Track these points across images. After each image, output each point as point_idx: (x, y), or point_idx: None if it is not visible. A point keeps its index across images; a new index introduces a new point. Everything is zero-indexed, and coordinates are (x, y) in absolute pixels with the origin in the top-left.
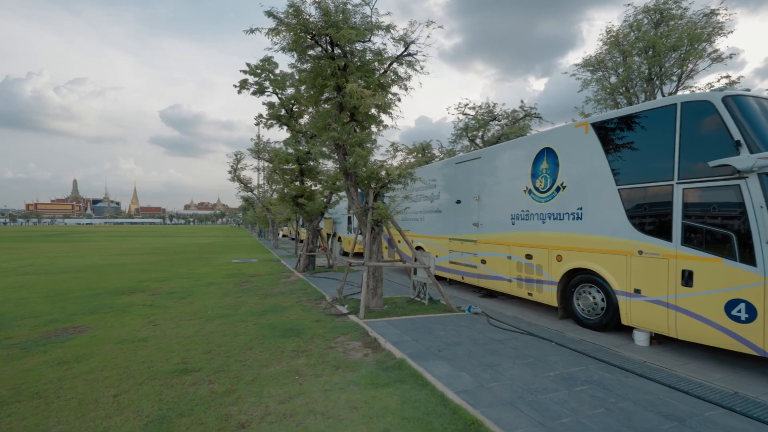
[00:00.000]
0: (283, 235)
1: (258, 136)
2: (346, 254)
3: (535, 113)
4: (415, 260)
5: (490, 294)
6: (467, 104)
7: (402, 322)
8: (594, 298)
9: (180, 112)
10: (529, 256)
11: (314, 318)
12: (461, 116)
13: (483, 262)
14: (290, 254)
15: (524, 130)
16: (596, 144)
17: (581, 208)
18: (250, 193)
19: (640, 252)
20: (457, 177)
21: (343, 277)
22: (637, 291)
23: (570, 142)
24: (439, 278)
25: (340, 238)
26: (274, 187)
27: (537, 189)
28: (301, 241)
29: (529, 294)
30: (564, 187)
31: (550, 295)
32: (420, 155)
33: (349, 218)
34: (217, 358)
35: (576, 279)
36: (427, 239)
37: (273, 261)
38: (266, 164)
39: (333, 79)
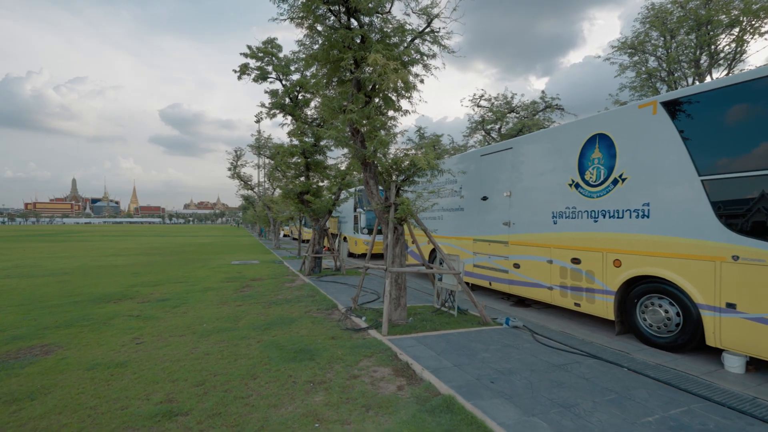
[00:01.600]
0: (284, 235)
1: (258, 132)
2: (351, 255)
3: (556, 105)
4: (430, 262)
5: (521, 302)
6: (482, 95)
7: (434, 340)
8: (666, 312)
9: (180, 111)
10: (576, 261)
11: (328, 334)
12: (476, 108)
13: (516, 266)
14: (293, 255)
15: (545, 122)
16: (669, 126)
17: (648, 204)
18: (250, 191)
19: (735, 257)
20: (483, 170)
21: (358, 283)
22: (731, 306)
23: (631, 125)
24: None
25: (345, 238)
26: (275, 185)
27: (587, 182)
28: (304, 241)
29: (576, 305)
30: (623, 180)
31: (603, 307)
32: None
33: (356, 217)
34: (212, 394)
35: (639, 288)
36: (446, 240)
37: (275, 263)
38: (267, 161)
39: (350, 52)
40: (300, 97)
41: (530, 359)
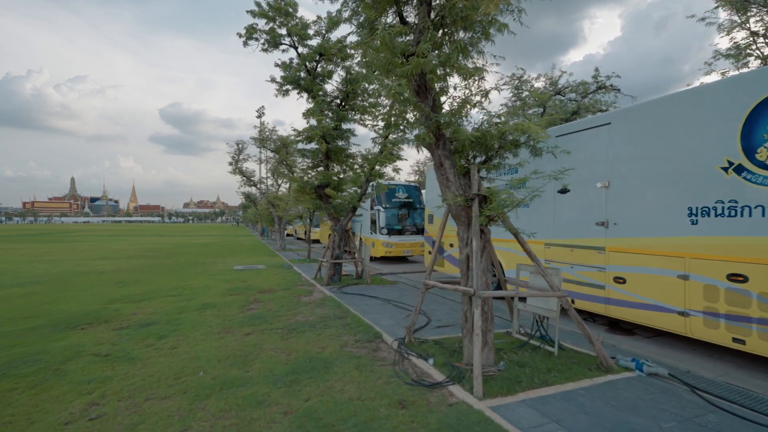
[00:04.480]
0: (288, 234)
1: (261, 123)
2: (371, 259)
3: (612, 86)
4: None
5: (614, 324)
6: (521, 76)
7: (562, 409)
8: None
9: (180, 110)
10: (737, 278)
11: (390, 394)
12: (515, 90)
13: (619, 280)
14: (302, 258)
15: (596, 105)
16: None
17: None
18: (252, 188)
19: None
20: (560, 155)
21: (415, 306)
22: None
23: None
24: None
25: (361, 239)
26: (280, 181)
27: (760, 164)
28: (313, 242)
29: (737, 340)
30: None
31: None
32: None
33: (374, 215)
34: None
35: None
36: (500, 243)
37: (284, 267)
38: (271, 154)
39: None
40: (319, 69)
41: None
